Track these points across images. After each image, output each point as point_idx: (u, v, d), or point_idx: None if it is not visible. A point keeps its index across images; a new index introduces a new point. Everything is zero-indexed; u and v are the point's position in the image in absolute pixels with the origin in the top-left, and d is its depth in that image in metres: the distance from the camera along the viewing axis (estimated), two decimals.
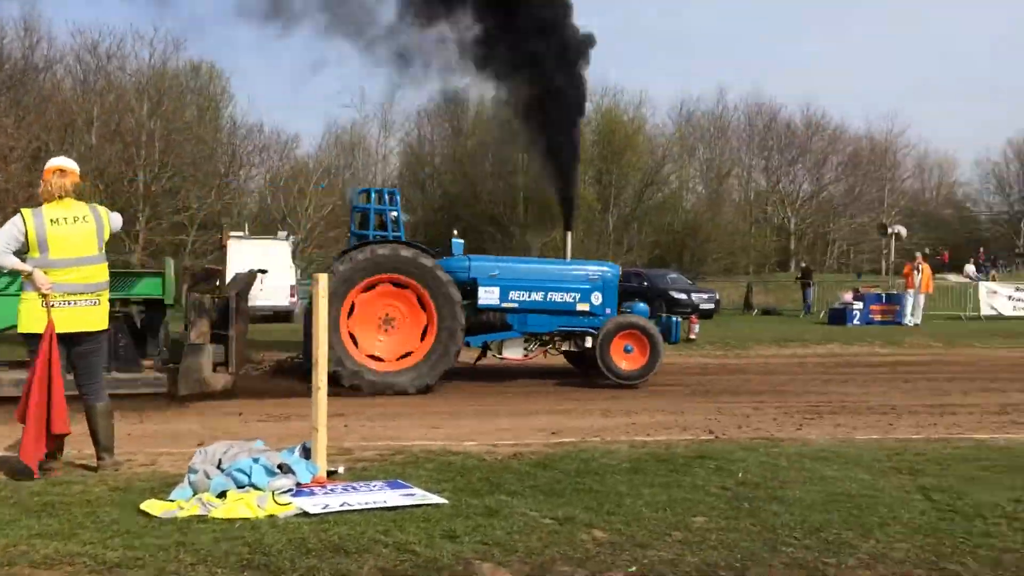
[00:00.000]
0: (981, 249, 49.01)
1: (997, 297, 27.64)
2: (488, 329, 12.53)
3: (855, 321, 24.46)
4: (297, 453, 5.99)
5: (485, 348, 12.73)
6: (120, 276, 10.69)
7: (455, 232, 14.18)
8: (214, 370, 10.30)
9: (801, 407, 10.61)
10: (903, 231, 32.09)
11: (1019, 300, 27.53)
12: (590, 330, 12.69)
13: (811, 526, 5.05)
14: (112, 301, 10.65)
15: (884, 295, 26.58)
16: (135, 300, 10.85)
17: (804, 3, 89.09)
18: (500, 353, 12.75)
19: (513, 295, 12.43)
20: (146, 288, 10.80)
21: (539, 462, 6.64)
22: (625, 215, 47.42)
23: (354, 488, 5.60)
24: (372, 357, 11.61)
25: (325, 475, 5.85)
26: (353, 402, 10.44)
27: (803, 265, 37.23)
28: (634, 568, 4.34)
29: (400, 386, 11.40)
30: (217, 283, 11.72)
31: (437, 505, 5.33)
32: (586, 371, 13.45)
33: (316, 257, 36.88)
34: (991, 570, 4.44)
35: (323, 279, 5.77)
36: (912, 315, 24.59)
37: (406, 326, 11.75)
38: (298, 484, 5.55)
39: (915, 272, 24.89)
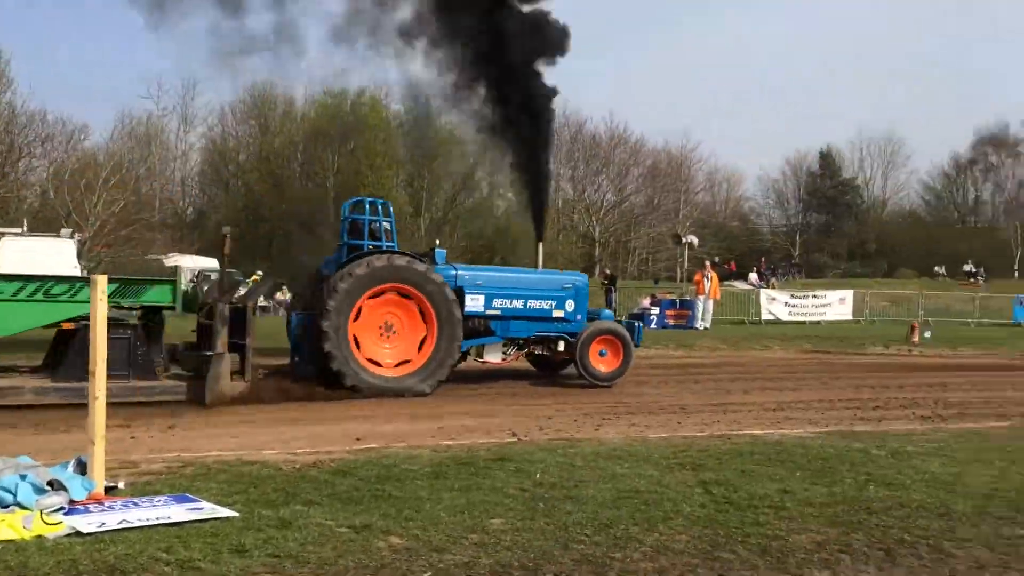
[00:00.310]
0: (763, 259, 53.16)
1: (776, 303, 30.01)
2: (472, 334, 12.91)
3: (652, 325, 25.78)
4: (71, 468, 5.55)
5: (465, 353, 12.99)
6: (131, 284, 10.81)
7: (437, 241, 14.44)
8: (231, 379, 10.57)
9: (600, 408, 11.03)
10: (695, 241, 34.19)
11: (794, 306, 30.04)
12: (564, 335, 13.46)
13: (601, 522, 5.26)
14: (128, 308, 10.80)
15: (678, 301, 28.18)
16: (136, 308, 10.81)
17: (608, 21, 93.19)
18: (481, 357, 13.32)
19: (496, 302, 13.02)
20: (156, 295, 10.82)
21: (339, 469, 6.52)
22: (437, 219, 47.64)
23: (135, 504, 5.26)
24: (374, 362, 11.95)
25: (103, 491, 5.45)
26: (145, 412, 9.79)
27: (608, 271, 38.82)
28: (429, 573, 4.35)
29: (409, 389, 11.85)
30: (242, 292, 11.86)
31: (227, 519, 5.10)
32: (549, 374, 14.44)
33: (105, 256, 34.41)
34: (759, 556, 4.80)
35: (101, 281, 5.38)
36: (702, 320, 26.22)
37: (405, 332, 12.20)
38: (71, 502, 5.14)
39: (705, 279, 26.55)
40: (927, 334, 23.87)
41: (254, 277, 22.18)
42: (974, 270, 47.68)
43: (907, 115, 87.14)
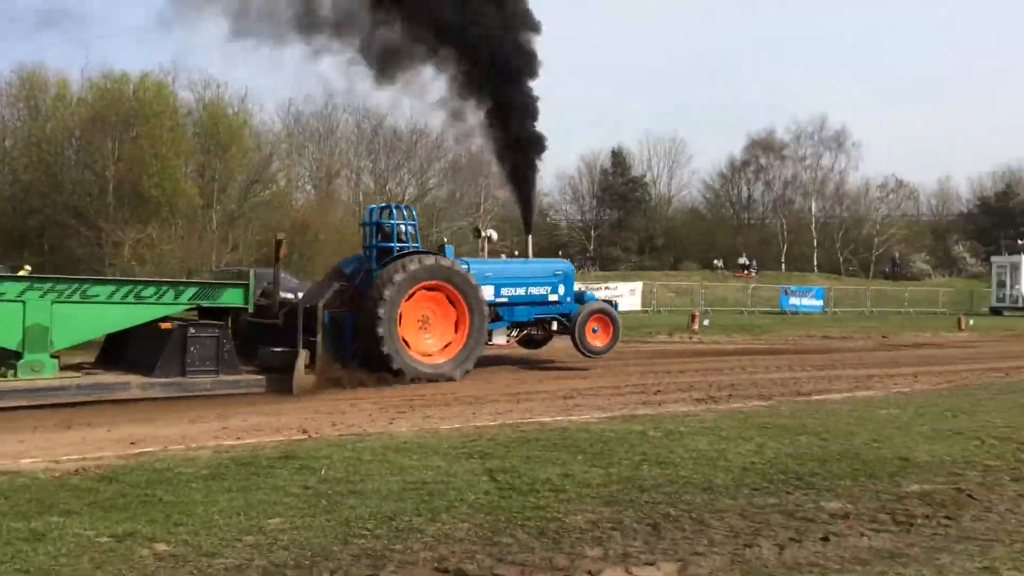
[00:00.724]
0: (559, 252, 54.99)
1: None
2: None
3: None
4: None
5: None
6: (209, 287, 11.92)
7: (444, 240, 16.60)
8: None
9: (397, 402, 10.98)
10: (494, 235, 34.67)
11: None
12: (558, 316, 15.42)
13: (384, 516, 5.23)
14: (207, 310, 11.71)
15: None
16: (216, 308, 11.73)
17: None
18: (490, 340, 14.57)
19: (504, 291, 14.80)
20: (230, 297, 11.81)
21: (105, 476, 6.09)
22: (231, 212, 45.57)
23: None
24: (421, 352, 13.30)
25: None
26: None
27: None
28: None
29: (444, 375, 13.21)
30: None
31: None
32: (532, 348, 16.64)
33: None
34: (536, 539, 4.94)
35: None
36: None
37: (439, 323, 13.63)
38: None
39: None
40: (706, 322, 25.61)
41: (21, 271, 20.33)
42: (748, 263, 51.69)
43: (689, 118, 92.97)
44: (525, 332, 15.68)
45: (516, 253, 42.98)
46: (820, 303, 36.96)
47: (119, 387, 10.72)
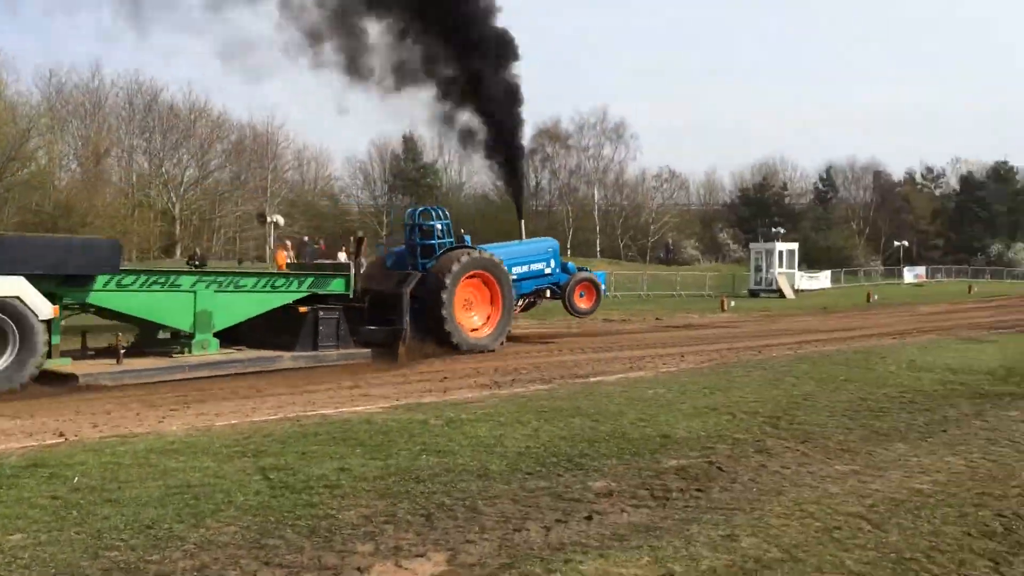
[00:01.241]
0: (352, 238, 54.26)
1: None
2: None
3: None
4: None
5: None
6: (322, 277, 14.18)
7: (461, 230, 18.25)
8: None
9: (167, 399, 10.35)
10: (281, 220, 33.76)
11: None
12: (552, 286, 18.91)
13: (142, 524, 4.93)
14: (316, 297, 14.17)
15: None
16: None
17: None
18: None
19: (515, 270, 17.58)
20: (336, 286, 14.21)
21: None
22: None
23: None
24: (467, 328, 15.98)
25: None
26: None
27: (197, 251, 36.81)
28: None
29: (486, 347, 15.87)
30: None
31: None
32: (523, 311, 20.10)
33: None
34: (307, 538, 4.84)
35: None
36: None
37: (478, 304, 16.37)
38: None
39: (288, 258, 26.37)
40: None
41: None
42: None
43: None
44: (528, 302, 18.97)
45: (305, 239, 41.92)
46: (602, 287, 38.82)
47: (275, 359, 13.06)
